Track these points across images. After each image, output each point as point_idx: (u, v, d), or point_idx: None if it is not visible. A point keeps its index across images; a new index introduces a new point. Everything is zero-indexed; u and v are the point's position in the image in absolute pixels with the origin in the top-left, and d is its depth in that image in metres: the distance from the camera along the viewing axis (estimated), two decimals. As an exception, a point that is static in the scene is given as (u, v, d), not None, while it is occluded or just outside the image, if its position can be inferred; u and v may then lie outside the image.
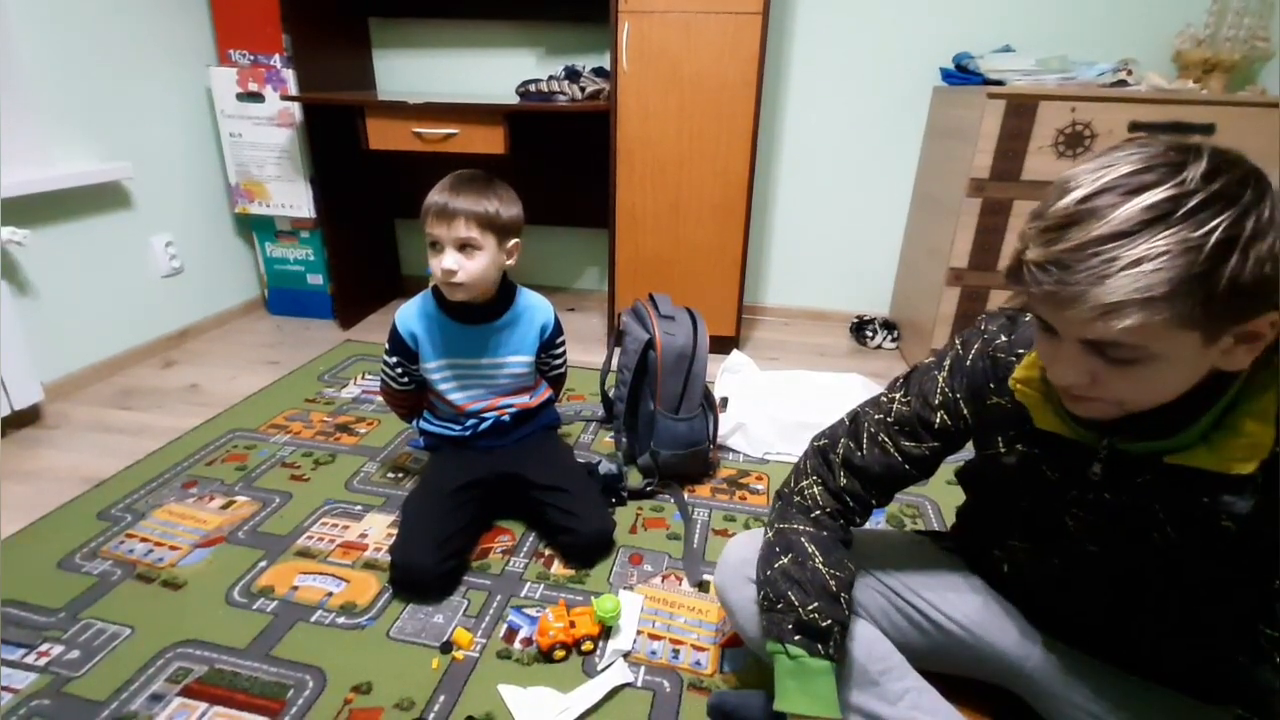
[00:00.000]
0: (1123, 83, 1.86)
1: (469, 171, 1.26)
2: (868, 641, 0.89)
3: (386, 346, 1.36)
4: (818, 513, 0.89)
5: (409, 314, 1.34)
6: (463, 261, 1.22)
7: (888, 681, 0.87)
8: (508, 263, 1.29)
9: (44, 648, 1.09)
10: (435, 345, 1.34)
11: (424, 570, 1.19)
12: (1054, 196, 0.57)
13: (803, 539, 0.86)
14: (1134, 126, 1.76)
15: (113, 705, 1.00)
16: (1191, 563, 0.70)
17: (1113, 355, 0.57)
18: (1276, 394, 0.61)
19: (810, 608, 0.81)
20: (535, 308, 1.39)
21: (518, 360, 1.38)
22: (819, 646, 0.81)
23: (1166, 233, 0.51)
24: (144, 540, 1.33)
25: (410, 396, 1.42)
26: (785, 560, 0.85)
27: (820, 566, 0.83)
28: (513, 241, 1.28)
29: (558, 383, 1.53)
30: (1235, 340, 0.56)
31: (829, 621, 0.81)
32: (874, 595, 0.95)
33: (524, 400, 1.43)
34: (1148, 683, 0.83)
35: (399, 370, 1.36)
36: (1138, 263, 0.51)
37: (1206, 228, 0.50)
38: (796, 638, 0.81)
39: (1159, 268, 0.51)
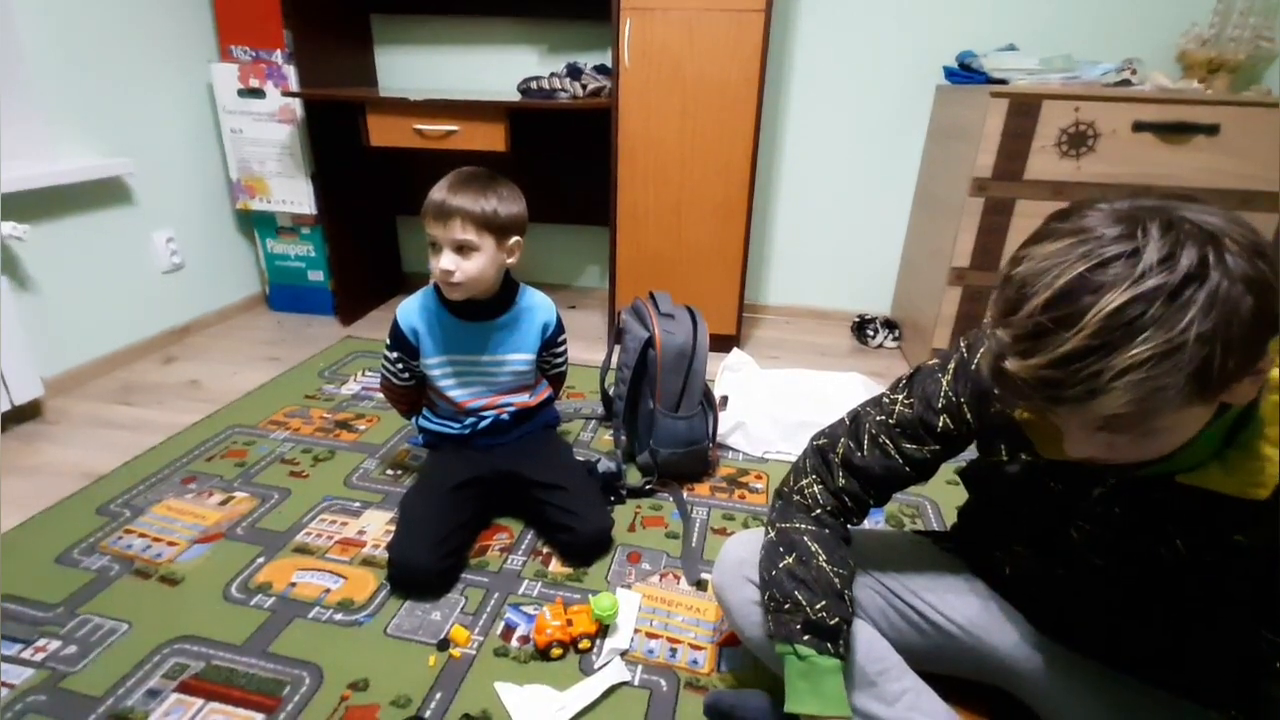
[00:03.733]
0: (1127, 82, 1.85)
1: (470, 169, 1.25)
2: (865, 641, 0.89)
3: (388, 342, 1.36)
4: (819, 511, 0.89)
5: (410, 310, 1.34)
6: (459, 262, 1.21)
7: (885, 682, 0.87)
8: (508, 261, 1.29)
9: (41, 643, 1.09)
10: (436, 341, 1.33)
11: (422, 567, 1.18)
12: (1013, 296, 0.55)
13: (805, 538, 0.86)
14: (1138, 126, 1.76)
15: (109, 701, 1.00)
16: (1198, 574, 0.70)
17: (1123, 430, 0.56)
18: None
19: (818, 607, 0.81)
20: (537, 306, 1.38)
21: (519, 358, 1.37)
22: (828, 645, 0.80)
23: (1143, 338, 0.49)
24: (142, 536, 1.33)
25: (410, 392, 1.42)
26: (790, 560, 0.85)
27: (825, 565, 0.83)
28: (513, 240, 1.27)
29: (558, 381, 1.53)
30: (1239, 380, 0.55)
31: (836, 620, 0.81)
32: (872, 595, 0.95)
33: (524, 398, 1.43)
34: (1147, 686, 0.82)
35: (400, 366, 1.36)
36: (1124, 373, 0.49)
37: (1181, 325, 0.48)
38: (805, 638, 0.81)
39: (1145, 376, 0.49)
